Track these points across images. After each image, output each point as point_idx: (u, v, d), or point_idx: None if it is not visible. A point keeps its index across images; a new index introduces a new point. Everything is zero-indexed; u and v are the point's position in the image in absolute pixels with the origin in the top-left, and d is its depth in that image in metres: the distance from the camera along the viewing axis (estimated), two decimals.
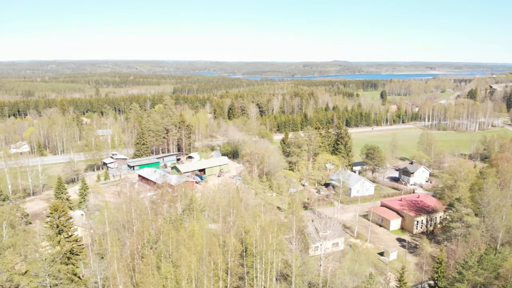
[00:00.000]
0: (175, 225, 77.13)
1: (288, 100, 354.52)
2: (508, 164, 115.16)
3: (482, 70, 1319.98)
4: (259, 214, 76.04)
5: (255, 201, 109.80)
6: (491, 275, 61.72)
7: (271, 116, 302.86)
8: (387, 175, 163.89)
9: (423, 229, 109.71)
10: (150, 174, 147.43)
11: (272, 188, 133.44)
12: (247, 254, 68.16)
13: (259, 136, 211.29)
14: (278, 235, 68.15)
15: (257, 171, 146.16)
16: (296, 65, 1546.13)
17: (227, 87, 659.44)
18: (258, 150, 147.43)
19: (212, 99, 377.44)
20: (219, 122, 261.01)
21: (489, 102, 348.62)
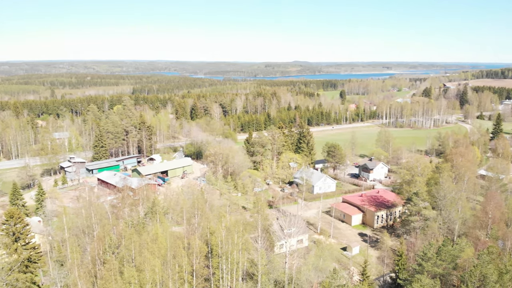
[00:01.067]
0: (137, 229, 75.39)
1: (251, 100, 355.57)
2: (462, 158, 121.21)
3: (436, 69, 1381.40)
4: (224, 215, 75.79)
5: (220, 202, 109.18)
6: (450, 265, 64.69)
7: (235, 116, 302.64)
8: (348, 172, 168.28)
9: (384, 223, 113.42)
10: (110, 178, 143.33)
11: (237, 188, 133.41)
12: (213, 255, 67.74)
13: (223, 136, 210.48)
14: (243, 234, 68.16)
15: (221, 172, 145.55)
16: (258, 65, 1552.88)
17: (189, 87, 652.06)
18: (222, 150, 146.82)
19: (174, 99, 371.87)
20: (181, 122, 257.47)
21: (443, 99, 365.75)
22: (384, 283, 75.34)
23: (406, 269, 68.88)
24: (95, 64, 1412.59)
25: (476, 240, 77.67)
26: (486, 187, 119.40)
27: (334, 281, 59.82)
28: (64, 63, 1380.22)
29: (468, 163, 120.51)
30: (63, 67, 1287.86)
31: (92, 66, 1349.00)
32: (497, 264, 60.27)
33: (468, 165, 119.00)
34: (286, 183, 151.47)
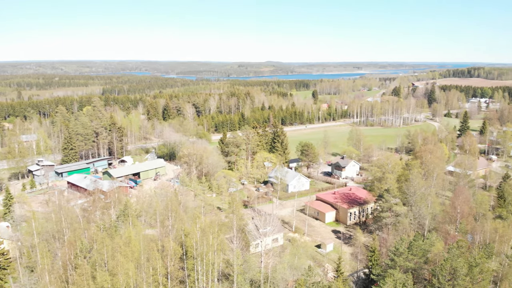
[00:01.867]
0: (109, 232, 73.72)
1: (225, 100, 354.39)
2: (431, 155, 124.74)
3: (404, 68, 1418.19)
4: (199, 216, 75.14)
5: (194, 203, 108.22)
6: (421, 260, 66.35)
7: (209, 116, 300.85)
8: (321, 170, 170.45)
9: (356, 220, 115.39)
10: (80, 181, 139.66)
11: (212, 188, 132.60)
12: (188, 256, 67.06)
13: (196, 137, 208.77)
14: (219, 235, 67.78)
15: (195, 172, 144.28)
16: (231, 65, 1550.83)
17: (160, 87, 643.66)
18: (196, 151, 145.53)
19: (145, 99, 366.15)
20: (153, 123, 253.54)
21: (412, 98, 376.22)
22: (358, 279, 76.57)
23: (379, 264, 70.20)
24: (63, 65, 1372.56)
25: (446, 235, 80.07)
26: (454, 182, 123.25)
27: (309, 279, 60.36)
28: (31, 64, 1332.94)
29: (437, 160, 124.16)
30: (30, 67, 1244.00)
31: (60, 67, 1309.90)
32: (466, 257, 62.28)
33: (437, 162, 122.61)
34: (261, 182, 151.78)
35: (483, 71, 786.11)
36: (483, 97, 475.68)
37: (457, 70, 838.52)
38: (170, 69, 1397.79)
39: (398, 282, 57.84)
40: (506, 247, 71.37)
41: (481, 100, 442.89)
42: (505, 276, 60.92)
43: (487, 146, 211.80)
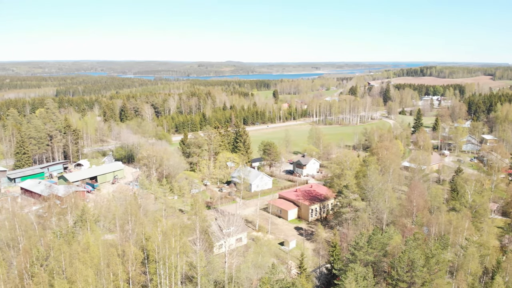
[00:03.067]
0: (66, 239, 70.75)
1: (185, 100, 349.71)
2: (387, 152, 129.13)
3: (361, 68, 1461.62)
4: (160, 219, 73.66)
5: (155, 206, 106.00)
6: (380, 253, 68.47)
7: (168, 117, 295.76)
8: (283, 169, 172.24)
9: (318, 216, 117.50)
10: (34, 186, 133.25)
11: (173, 190, 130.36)
12: (150, 260, 65.64)
13: (156, 138, 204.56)
14: (181, 237, 66.77)
15: (156, 175, 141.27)
16: (191, 65, 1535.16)
17: (117, 87, 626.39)
18: (156, 153, 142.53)
19: (101, 100, 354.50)
20: (110, 125, 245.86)
21: (368, 97, 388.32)
22: (320, 274, 77.89)
23: (341, 259, 71.75)
24: (14, 66, 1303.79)
25: (403, 228, 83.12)
26: (409, 177, 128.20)
27: (273, 276, 60.66)
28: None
29: (393, 156, 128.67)
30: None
31: (11, 68, 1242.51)
32: (423, 249, 64.94)
33: (393, 158, 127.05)
34: (224, 183, 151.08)
35: (435, 70, 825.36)
36: (435, 95, 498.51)
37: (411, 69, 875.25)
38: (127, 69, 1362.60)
39: (359, 275, 59.35)
40: (460, 238, 75.12)
41: (434, 97, 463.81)
42: (461, 266, 64.01)
43: (440, 141, 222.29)
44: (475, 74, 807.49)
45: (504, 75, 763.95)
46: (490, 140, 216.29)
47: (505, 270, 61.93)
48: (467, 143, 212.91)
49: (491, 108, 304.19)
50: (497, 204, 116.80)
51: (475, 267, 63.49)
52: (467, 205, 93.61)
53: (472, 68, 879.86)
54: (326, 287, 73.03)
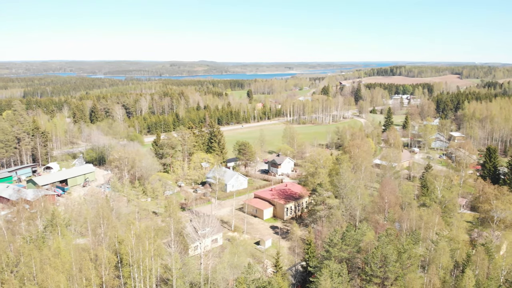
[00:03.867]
0: (37, 244, 68.61)
1: (158, 100, 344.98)
2: (358, 150, 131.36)
3: (332, 68, 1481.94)
4: (133, 222, 72.46)
5: (128, 209, 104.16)
6: (354, 249, 69.55)
7: (140, 118, 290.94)
8: (258, 168, 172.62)
9: (293, 215, 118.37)
10: (2, 191, 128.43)
11: (146, 193, 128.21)
12: (123, 264, 64.35)
13: (128, 139, 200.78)
14: (155, 240, 65.80)
15: (128, 177, 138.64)
16: (163, 64, 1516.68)
17: (87, 88, 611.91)
18: (128, 154, 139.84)
19: (71, 101, 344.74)
20: (80, 126, 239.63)
21: (340, 97, 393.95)
22: (296, 272, 78.42)
23: (316, 256, 72.44)
24: None
25: (375, 224, 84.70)
26: (381, 174, 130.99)
27: (249, 276, 60.60)
28: None
29: (364, 154, 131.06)
30: None
31: None
32: (395, 244, 66.37)
33: (364, 156, 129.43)
34: (199, 183, 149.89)
35: (404, 70, 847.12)
36: (404, 93, 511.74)
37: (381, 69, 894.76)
38: (97, 69, 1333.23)
39: (333, 272, 60.09)
40: (431, 233, 77.25)
41: (403, 96, 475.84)
42: (432, 260, 65.72)
43: (410, 139, 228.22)
44: (443, 73, 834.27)
45: (471, 74, 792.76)
46: (458, 137, 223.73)
47: (475, 263, 63.97)
48: (436, 141, 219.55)
49: (458, 106, 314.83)
50: (465, 199, 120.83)
51: (446, 261, 65.27)
52: (437, 201, 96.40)
53: (440, 68, 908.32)
54: (302, 285, 73.63)
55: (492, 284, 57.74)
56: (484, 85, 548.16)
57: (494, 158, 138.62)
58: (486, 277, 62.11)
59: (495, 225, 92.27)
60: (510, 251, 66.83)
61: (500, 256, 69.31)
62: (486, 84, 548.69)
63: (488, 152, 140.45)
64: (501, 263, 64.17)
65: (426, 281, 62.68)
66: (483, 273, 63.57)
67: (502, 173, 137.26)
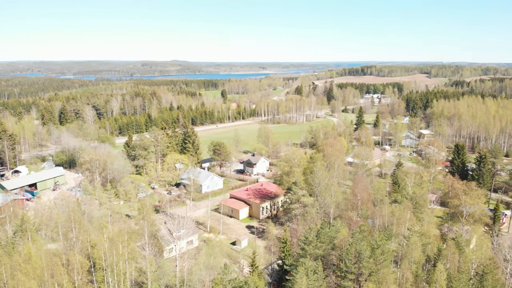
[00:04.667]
0: (6, 250, 66.42)
1: (129, 100, 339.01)
2: (331, 148, 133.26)
3: (305, 68, 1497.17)
4: (106, 225, 71.09)
5: (100, 212, 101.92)
6: (328, 246, 70.51)
7: (111, 119, 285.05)
8: (234, 168, 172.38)
9: (268, 214, 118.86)
10: None
11: (119, 195, 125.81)
12: (96, 268, 63.02)
13: (99, 141, 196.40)
14: (129, 243, 64.74)
15: (99, 180, 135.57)
16: (135, 64, 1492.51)
17: (56, 89, 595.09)
18: (99, 156, 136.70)
19: (39, 103, 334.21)
20: (49, 128, 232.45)
21: (313, 96, 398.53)
22: (272, 271, 78.76)
23: (291, 254, 73.04)
24: None
25: (349, 221, 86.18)
26: (353, 172, 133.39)
27: (226, 276, 60.51)
28: None
29: (337, 152, 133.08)
30: None
31: None
32: (369, 240, 67.67)
33: (337, 154, 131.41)
34: (173, 185, 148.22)
35: (375, 69, 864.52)
36: (375, 93, 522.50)
37: (352, 69, 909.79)
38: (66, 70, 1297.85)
39: (309, 269, 60.74)
40: (403, 229, 79.13)
41: (374, 96, 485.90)
42: (404, 255, 67.35)
43: (381, 137, 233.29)
44: (412, 72, 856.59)
45: (439, 73, 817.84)
46: (427, 135, 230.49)
47: (446, 257, 65.94)
48: (406, 138, 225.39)
49: (427, 104, 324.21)
50: (435, 195, 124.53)
51: (418, 255, 66.97)
52: (408, 197, 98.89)
53: (409, 67, 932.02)
54: (278, 283, 74.06)
55: (463, 277, 59.69)
56: (452, 84, 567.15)
57: (462, 155, 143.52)
58: (457, 271, 64.16)
59: (464, 219, 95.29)
60: (480, 245, 69.05)
61: (470, 250, 71.61)
62: (453, 83, 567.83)
63: (456, 149, 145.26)
64: (471, 257, 66.33)
65: (399, 276, 64.22)
66: (454, 266, 65.58)
67: (470, 169, 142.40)
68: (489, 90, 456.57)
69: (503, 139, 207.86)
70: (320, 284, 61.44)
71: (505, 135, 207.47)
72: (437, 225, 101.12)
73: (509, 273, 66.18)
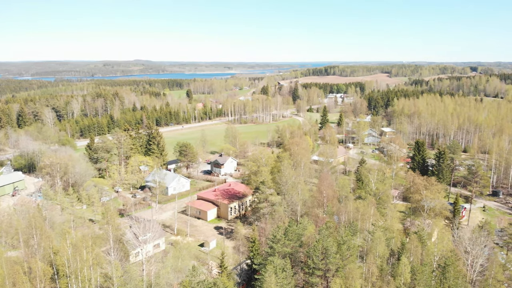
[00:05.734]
0: None
1: (90, 101, 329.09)
2: (298, 147, 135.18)
3: (271, 68, 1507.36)
4: (68, 231, 68.67)
5: (62, 217, 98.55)
6: (296, 244, 71.42)
7: (72, 121, 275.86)
8: (201, 169, 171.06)
9: (237, 214, 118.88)
10: None
11: (81, 200, 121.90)
12: (60, 276, 60.95)
13: (59, 144, 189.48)
14: (93, 249, 63.00)
15: (61, 184, 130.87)
16: (96, 64, 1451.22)
17: (13, 90, 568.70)
18: (60, 160, 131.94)
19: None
20: (6, 132, 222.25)
21: (279, 96, 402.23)
22: (241, 271, 78.95)
23: (260, 253, 73.46)
24: None
25: (316, 218, 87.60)
26: (319, 170, 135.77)
27: (194, 279, 60.03)
28: None
29: (303, 151, 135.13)
30: None
31: None
32: (335, 237, 69.14)
33: (303, 153, 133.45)
34: (137, 188, 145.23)
35: (338, 69, 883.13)
36: (338, 92, 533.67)
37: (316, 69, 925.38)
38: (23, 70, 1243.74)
39: (278, 267, 61.33)
40: (367, 224, 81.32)
41: (337, 95, 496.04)
42: (370, 250, 69.18)
43: (345, 135, 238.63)
44: (373, 72, 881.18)
45: (399, 72, 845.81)
46: (389, 133, 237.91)
47: (409, 251, 68.32)
48: (369, 136, 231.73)
49: (388, 103, 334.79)
50: (397, 190, 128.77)
51: (382, 250, 68.96)
52: (371, 193, 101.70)
53: (371, 67, 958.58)
54: (247, 283, 74.28)
55: (426, 270, 62.03)
56: (412, 83, 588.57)
57: (423, 151, 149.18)
58: (420, 263, 66.55)
59: (426, 213, 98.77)
60: (441, 238, 72.01)
61: (432, 243, 74.51)
62: (413, 82, 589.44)
63: (416, 145, 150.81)
64: (433, 250, 69.07)
65: (365, 270, 65.98)
66: (417, 259, 67.99)
67: (430, 165, 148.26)
68: (447, 88, 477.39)
69: (461, 135, 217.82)
70: (288, 282, 62.16)
71: (462, 132, 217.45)
72: (400, 220, 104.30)
73: (469, 264, 69.49)
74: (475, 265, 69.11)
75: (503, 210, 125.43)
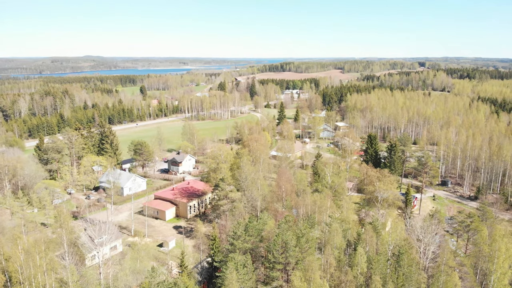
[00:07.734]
0: None
1: (39, 100, 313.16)
2: (256, 143, 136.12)
3: (227, 64, 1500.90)
4: (20, 236, 65.64)
5: (12, 222, 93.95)
6: (256, 239, 72.16)
7: (20, 120, 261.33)
8: (158, 168, 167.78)
9: (197, 212, 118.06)
10: None
11: (32, 203, 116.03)
12: (13, 283, 58.30)
13: (6, 145, 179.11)
14: (47, 254, 60.53)
15: (9, 187, 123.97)
16: (43, 61, 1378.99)
17: None
18: (8, 162, 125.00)
19: None
20: None
21: (236, 92, 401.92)
22: (202, 269, 78.71)
23: (221, 251, 73.54)
24: None
25: (275, 212, 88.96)
26: (277, 165, 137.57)
27: (154, 280, 59.15)
28: None
29: (262, 147, 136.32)
30: None
31: None
32: (294, 230, 70.53)
33: (262, 149, 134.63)
34: (91, 189, 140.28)
35: (293, 66, 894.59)
36: (294, 88, 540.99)
37: (272, 65, 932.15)
38: None
39: (238, 264, 61.77)
40: (324, 216, 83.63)
41: (293, 91, 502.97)
42: (327, 242, 71.15)
43: (301, 131, 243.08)
44: (327, 68, 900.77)
45: (352, 68, 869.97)
46: (343, 127, 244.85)
47: (365, 241, 70.95)
48: (324, 131, 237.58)
49: (342, 98, 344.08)
50: (352, 182, 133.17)
51: (339, 241, 71.17)
52: (327, 186, 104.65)
53: (324, 63, 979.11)
54: (209, 281, 74.22)
55: (381, 259, 64.71)
56: (364, 78, 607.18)
57: (375, 144, 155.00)
58: (376, 253, 69.38)
59: (380, 204, 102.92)
60: (394, 227, 75.27)
61: (386, 232, 77.78)
62: (365, 78, 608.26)
63: (369, 139, 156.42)
64: (388, 239, 72.11)
65: (323, 262, 67.89)
66: (372, 249, 70.78)
67: (382, 157, 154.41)
68: (397, 83, 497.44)
69: (411, 128, 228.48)
70: (249, 277, 62.78)
71: (412, 125, 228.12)
72: (355, 211, 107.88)
73: (422, 252, 73.17)
74: (428, 252, 72.64)
75: (452, 199, 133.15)
